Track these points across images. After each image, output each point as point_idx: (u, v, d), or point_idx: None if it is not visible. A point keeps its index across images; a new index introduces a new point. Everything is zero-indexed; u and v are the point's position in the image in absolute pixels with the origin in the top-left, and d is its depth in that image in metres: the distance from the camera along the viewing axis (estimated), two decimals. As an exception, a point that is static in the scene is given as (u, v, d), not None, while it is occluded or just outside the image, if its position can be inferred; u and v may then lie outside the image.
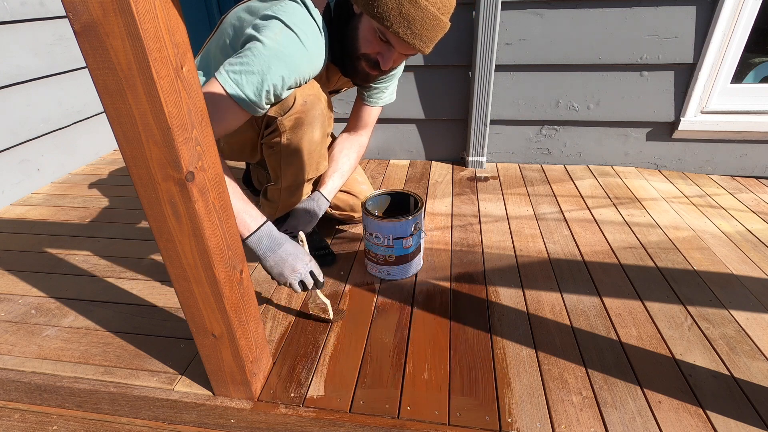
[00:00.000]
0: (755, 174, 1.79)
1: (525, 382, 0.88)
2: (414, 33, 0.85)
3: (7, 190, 1.68)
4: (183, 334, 1.02)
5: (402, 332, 1.01)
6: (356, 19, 0.93)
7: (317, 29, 0.93)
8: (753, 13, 1.52)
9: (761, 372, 0.89)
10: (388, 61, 0.94)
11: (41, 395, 0.89)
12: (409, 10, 0.83)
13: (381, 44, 0.92)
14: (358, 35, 0.94)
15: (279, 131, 1.02)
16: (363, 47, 0.94)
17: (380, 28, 0.88)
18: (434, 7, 0.84)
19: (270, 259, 0.95)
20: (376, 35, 0.91)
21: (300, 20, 0.89)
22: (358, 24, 0.93)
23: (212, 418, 0.84)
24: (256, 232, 0.93)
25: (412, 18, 0.83)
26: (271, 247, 0.94)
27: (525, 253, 1.30)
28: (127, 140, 0.57)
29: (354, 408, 0.83)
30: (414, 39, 0.86)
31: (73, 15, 0.48)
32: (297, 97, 0.98)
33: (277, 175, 1.14)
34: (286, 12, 0.89)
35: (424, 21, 0.84)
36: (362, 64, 0.98)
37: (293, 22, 0.88)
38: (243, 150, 1.17)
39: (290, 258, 0.95)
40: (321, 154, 1.13)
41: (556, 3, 1.60)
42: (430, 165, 1.97)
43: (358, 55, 0.96)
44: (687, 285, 1.15)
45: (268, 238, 0.94)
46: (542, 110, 1.81)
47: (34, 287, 1.20)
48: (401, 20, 0.84)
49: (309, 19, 0.91)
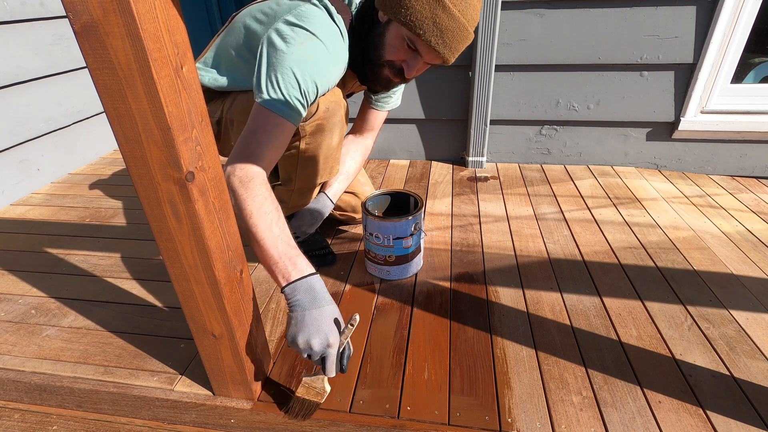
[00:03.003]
0: (755, 174, 1.79)
1: (525, 382, 0.88)
2: (445, 43, 0.87)
3: (7, 190, 1.68)
4: (183, 334, 1.02)
5: (402, 332, 1.01)
6: (382, 26, 0.93)
7: (340, 36, 0.93)
8: (753, 13, 1.52)
9: (761, 372, 0.89)
10: (413, 69, 0.94)
11: (41, 395, 0.89)
12: (443, 20, 0.84)
13: (408, 52, 0.92)
14: (384, 42, 0.93)
15: (299, 136, 1.02)
16: (388, 54, 0.94)
17: (411, 36, 0.88)
18: (465, 19, 0.85)
19: (293, 315, 0.76)
20: (404, 43, 0.91)
21: (325, 28, 0.89)
22: (385, 31, 0.92)
23: (212, 418, 0.84)
24: (296, 283, 0.77)
25: (444, 28, 0.85)
26: (303, 304, 0.76)
27: (525, 253, 1.30)
28: (127, 140, 0.57)
29: (354, 408, 0.83)
30: (444, 48, 0.87)
31: (73, 15, 0.48)
32: (320, 104, 0.98)
33: (289, 177, 1.13)
34: (310, 19, 0.88)
35: (456, 32, 0.86)
36: (385, 71, 0.98)
37: (318, 29, 0.88)
38: None
39: (312, 326, 0.75)
40: (336, 159, 1.14)
41: (556, 3, 1.59)
42: (430, 165, 1.97)
43: (383, 62, 0.96)
44: (687, 285, 1.15)
45: (305, 293, 0.76)
46: (542, 110, 1.81)
47: (34, 287, 1.20)
48: (434, 29, 0.85)
49: (333, 26, 0.91)
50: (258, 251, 0.79)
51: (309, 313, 0.75)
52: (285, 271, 0.77)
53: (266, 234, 0.78)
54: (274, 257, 0.77)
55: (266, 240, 0.78)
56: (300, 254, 0.80)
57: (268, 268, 0.79)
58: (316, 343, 0.74)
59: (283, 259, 0.78)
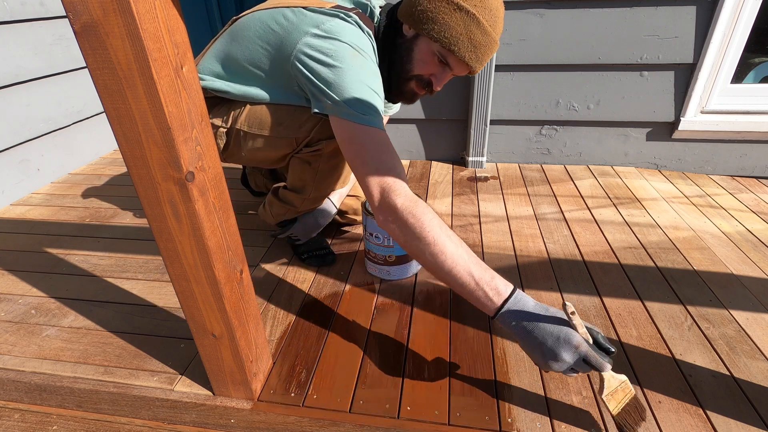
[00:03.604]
0: (755, 174, 1.79)
1: (525, 382, 0.88)
2: (478, 57, 0.88)
3: (7, 190, 1.68)
4: (183, 334, 1.02)
5: (402, 332, 1.01)
6: (409, 41, 0.93)
7: (373, 51, 0.92)
8: (753, 13, 1.52)
9: (761, 372, 0.89)
10: (442, 82, 0.95)
11: (41, 395, 0.89)
12: (477, 36, 0.85)
13: (438, 66, 0.93)
14: (413, 57, 0.93)
15: (321, 152, 1.02)
16: (417, 69, 0.94)
17: (443, 52, 0.89)
18: (495, 33, 0.88)
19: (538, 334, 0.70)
20: (434, 57, 0.91)
21: (363, 43, 0.89)
22: (413, 45, 0.92)
23: (212, 418, 0.84)
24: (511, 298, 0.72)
25: (478, 43, 0.86)
26: (534, 317, 0.71)
27: (525, 253, 1.30)
28: (127, 140, 0.57)
29: (354, 408, 0.83)
30: (476, 63, 0.89)
31: (73, 15, 0.48)
32: None
33: (304, 187, 1.12)
34: (345, 32, 0.87)
35: (487, 46, 0.88)
36: (411, 85, 0.98)
37: (357, 44, 0.87)
38: (265, 162, 1.13)
39: (558, 332, 0.69)
40: (350, 172, 1.14)
41: (556, 3, 1.59)
42: (430, 165, 1.97)
43: (410, 77, 0.96)
44: (687, 285, 1.15)
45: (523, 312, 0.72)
46: (542, 110, 1.81)
47: (34, 287, 1.20)
48: (469, 45, 0.86)
49: (367, 41, 0.91)
50: (450, 278, 0.74)
51: (537, 330, 0.70)
52: (486, 297, 0.73)
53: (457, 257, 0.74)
54: (470, 284, 0.73)
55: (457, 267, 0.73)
56: (493, 273, 0.75)
57: (466, 295, 0.74)
58: (566, 356, 0.69)
59: (481, 284, 0.73)
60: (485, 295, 0.73)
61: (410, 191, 0.80)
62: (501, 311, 0.72)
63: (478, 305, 0.75)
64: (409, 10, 0.88)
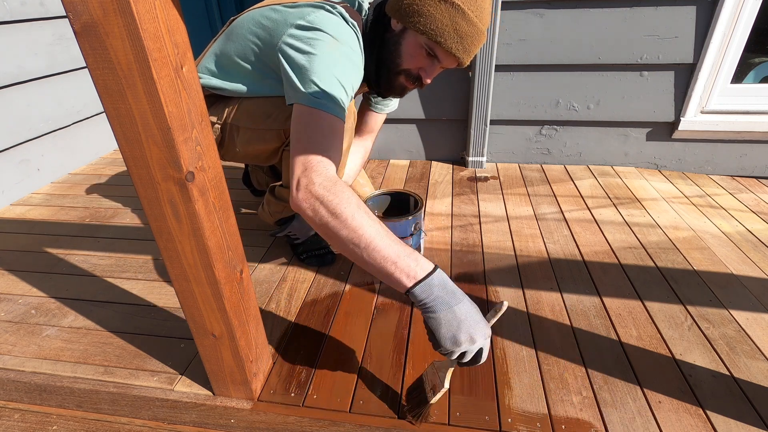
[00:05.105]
0: (755, 174, 1.79)
1: (525, 382, 0.88)
2: (465, 48, 0.88)
3: (7, 190, 1.68)
4: (183, 334, 1.02)
5: (402, 332, 1.01)
6: (397, 35, 0.93)
7: (358, 43, 0.92)
8: (753, 13, 1.52)
9: (761, 372, 0.89)
10: (431, 75, 0.95)
11: (41, 395, 0.89)
12: (463, 27, 0.85)
13: (426, 59, 0.92)
14: (401, 51, 0.93)
15: None
16: (406, 63, 0.94)
17: (430, 44, 0.89)
18: (481, 24, 0.87)
19: (443, 315, 0.69)
20: (422, 51, 0.91)
21: (345, 33, 0.89)
22: (400, 39, 0.92)
23: (212, 418, 0.84)
24: (426, 280, 0.69)
25: (464, 34, 0.86)
26: (447, 301, 0.69)
27: (525, 253, 1.30)
28: (127, 140, 0.57)
29: (354, 408, 0.83)
30: (463, 54, 0.88)
31: (73, 15, 0.48)
32: None
33: None
34: (329, 24, 0.87)
35: (474, 36, 0.87)
36: (401, 79, 0.98)
37: (339, 34, 0.87)
38: (259, 156, 1.14)
39: (469, 320, 0.69)
40: (343, 164, 1.14)
41: (556, 3, 1.59)
42: (430, 165, 1.97)
43: (399, 71, 0.96)
44: (687, 285, 1.15)
45: (441, 289, 0.69)
46: (542, 110, 1.81)
47: (34, 287, 1.20)
48: (455, 36, 0.85)
49: (351, 32, 0.91)
50: (367, 255, 0.70)
51: (458, 308, 0.69)
52: (409, 269, 0.69)
53: (375, 234, 0.69)
54: (391, 256, 0.69)
55: (377, 240, 0.69)
56: (413, 250, 0.72)
57: (383, 271, 0.69)
58: (479, 336, 0.69)
59: (402, 257, 0.69)
60: (408, 266, 0.69)
61: (335, 174, 0.76)
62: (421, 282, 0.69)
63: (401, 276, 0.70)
64: (397, 4, 0.89)
